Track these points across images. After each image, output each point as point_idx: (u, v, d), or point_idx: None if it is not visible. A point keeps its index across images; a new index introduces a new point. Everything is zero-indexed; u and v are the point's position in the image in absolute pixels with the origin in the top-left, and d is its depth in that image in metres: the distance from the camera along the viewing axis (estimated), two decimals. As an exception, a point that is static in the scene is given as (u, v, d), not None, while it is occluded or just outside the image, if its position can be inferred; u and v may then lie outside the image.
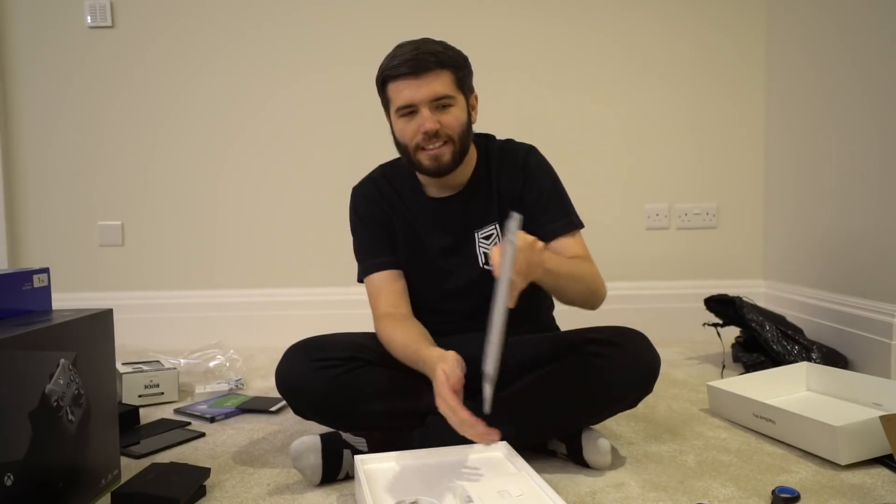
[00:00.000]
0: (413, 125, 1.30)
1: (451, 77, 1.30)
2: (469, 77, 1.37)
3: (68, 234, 2.57)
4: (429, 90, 1.27)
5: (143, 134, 2.55)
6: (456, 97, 1.31)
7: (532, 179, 1.40)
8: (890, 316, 1.81)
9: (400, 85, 1.29)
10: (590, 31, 2.52)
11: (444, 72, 1.29)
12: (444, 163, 1.32)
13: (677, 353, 2.27)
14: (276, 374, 1.30)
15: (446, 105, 1.30)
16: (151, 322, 2.53)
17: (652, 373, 1.29)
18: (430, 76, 1.27)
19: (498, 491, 1.04)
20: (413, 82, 1.28)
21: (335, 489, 1.20)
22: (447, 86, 1.29)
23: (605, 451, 1.25)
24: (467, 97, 1.36)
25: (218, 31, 2.53)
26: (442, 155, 1.31)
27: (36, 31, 2.52)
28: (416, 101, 1.28)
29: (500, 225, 1.40)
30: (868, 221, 1.94)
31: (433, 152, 1.31)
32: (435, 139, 1.30)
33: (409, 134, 1.32)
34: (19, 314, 1.13)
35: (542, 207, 1.39)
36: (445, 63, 1.29)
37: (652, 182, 2.56)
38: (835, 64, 2.09)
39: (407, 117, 1.31)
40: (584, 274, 1.30)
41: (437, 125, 1.29)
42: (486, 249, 1.41)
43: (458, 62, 1.33)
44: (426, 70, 1.27)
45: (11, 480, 0.93)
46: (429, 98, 1.28)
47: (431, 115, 1.28)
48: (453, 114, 1.31)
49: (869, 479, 1.19)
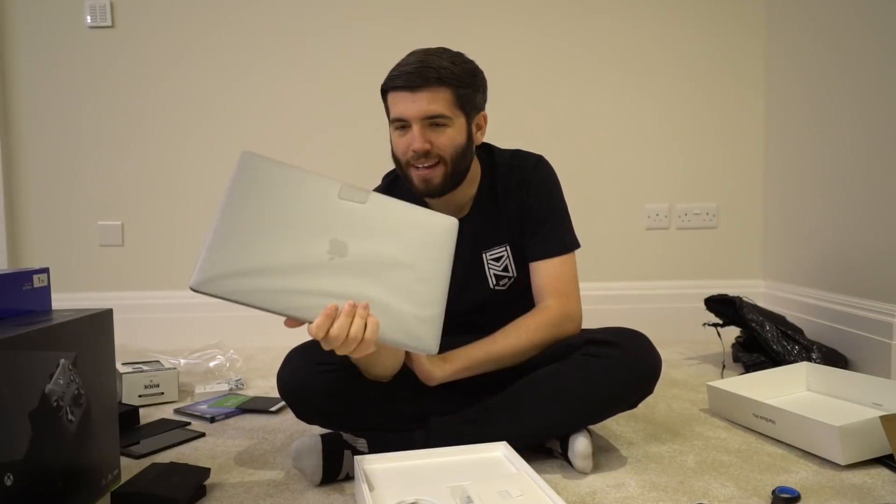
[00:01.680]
0: (405, 141, 1.27)
1: (451, 96, 1.25)
2: (476, 95, 1.30)
3: (68, 234, 2.57)
4: (421, 108, 1.23)
5: (144, 134, 2.55)
6: (453, 117, 1.26)
7: (533, 194, 1.37)
8: (890, 316, 1.81)
9: (396, 97, 1.25)
10: (590, 33, 2.52)
11: (442, 89, 1.23)
12: (434, 186, 1.28)
13: (677, 353, 2.27)
14: (278, 379, 1.29)
15: (440, 125, 1.25)
16: (151, 322, 2.53)
17: (652, 373, 1.28)
18: (425, 93, 1.22)
19: (498, 491, 1.04)
20: (408, 96, 1.23)
21: (335, 489, 1.20)
22: (444, 105, 1.24)
23: (584, 454, 1.23)
24: (469, 117, 1.30)
25: (218, 32, 2.53)
26: (432, 177, 1.27)
27: (36, 31, 2.52)
28: (408, 117, 1.24)
29: (510, 246, 1.38)
30: (868, 221, 1.94)
31: (423, 173, 1.27)
32: (424, 159, 1.26)
33: (401, 149, 1.29)
34: (19, 314, 1.13)
35: (535, 225, 1.36)
36: (446, 80, 1.24)
37: (652, 182, 2.56)
38: (834, 64, 2.09)
39: (400, 131, 1.28)
40: (526, 343, 1.28)
41: (428, 145, 1.24)
42: (496, 270, 1.39)
43: (462, 80, 1.26)
44: (422, 86, 1.22)
45: (11, 480, 0.93)
46: (420, 116, 1.23)
47: (421, 134, 1.24)
48: (447, 135, 1.26)
49: (869, 479, 1.19)
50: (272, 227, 0.98)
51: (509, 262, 1.39)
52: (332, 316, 0.96)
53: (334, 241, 1.00)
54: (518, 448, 1.19)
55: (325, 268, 0.99)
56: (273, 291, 0.96)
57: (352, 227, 1.01)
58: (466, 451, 1.20)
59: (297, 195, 1.00)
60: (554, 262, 1.36)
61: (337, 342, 0.97)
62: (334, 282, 0.99)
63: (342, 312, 0.96)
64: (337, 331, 0.96)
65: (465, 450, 1.20)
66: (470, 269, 1.39)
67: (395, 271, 1.02)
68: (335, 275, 0.99)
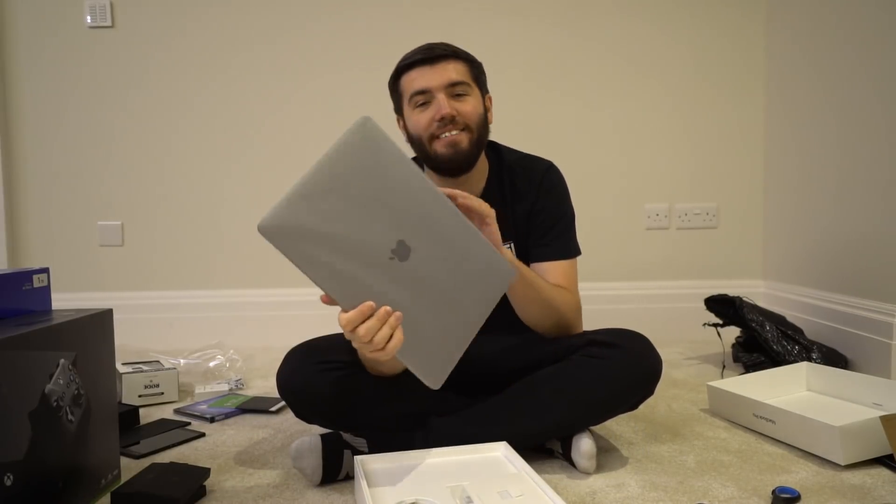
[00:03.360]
0: (428, 113, 1.29)
1: (467, 68, 1.31)
2: (484, 76, 1.38)
3: (68, 234, 2.57)
4: (444, 76, 1.28)
5: (143, 134, 2.55)
6: (472, 87, 1.32)
7: (544, 198, 1.40)
8: (890, 316, 1.81)
9: (413, 74, 1.29)
10: (590, 32, 2.52)
11: (459, 61, 1.30)
12: (461, 150, 1.29)
13: (677, 353, 2.27)
14: (278, 378, 1.29)
15: (462, 94, 1.29)
16: (151, 322, 2.53)
17: (653, 375, 1.29)
18: (445, 63, 1.28)
19: (498, 491, 1.04)
20: (428, 69, 1.28)
21: (335, 489, 1.20)
22: (463, 74, 1.30)
23: (589, 454, 1.23)
24: (483, 93, 1.36)
25: (218, 32, 2.53)
26: (460, 141, 1.28)
27: (36, 31, 2.52)
28: (432, 87, 1.28)
29: (515, 244, 1.40)
30: (868, 221, 1.94)
31: (451, 138, 1.28)
32: (451, 125, 1.28)
33: (424, 123, 1.30)
34: (19, 314, 1.13)
35: (543, 229, 1.39)
36: (460, 54, 1.31)
37: (652, 182, 2.56)
38: (834, 64, 2.09)
39: (421, 107, 1.30)
40: (551, 297, 1.28)
41: (454, 111, 1.28)
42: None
43: (472, 58, 1.35)
44: (441, 58, 1.28)
45: (11, 480, 0.93)
46: (444, 83, 1.28)
47: (448, 102, 1.27)
48: (470, 103, 1.30)
49: (869, 479, 1.19)
50: (357, 200, 0.97)
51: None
52: (366, 315, 0.96)
53: (401, 242, 0.99)
54: (518, 448, 1.19)
55: (381, 265, 0.98)
56: (327, 268, 0.95)
57: (424, 236, 1.01)
58: (466, 451, 1.20)
59: (394, 182, 0.99)
60: (562, 264, 1.39)
61: (358, 341, 0.97)
62: (383, 281, 0.98)
63: (375, 316, 0.97)
64: (363, 331, 0.96)
65: (465, 450, 1.20)
66: None
67: (441, 297, 1.02)
68: (387, 275, 0.99)
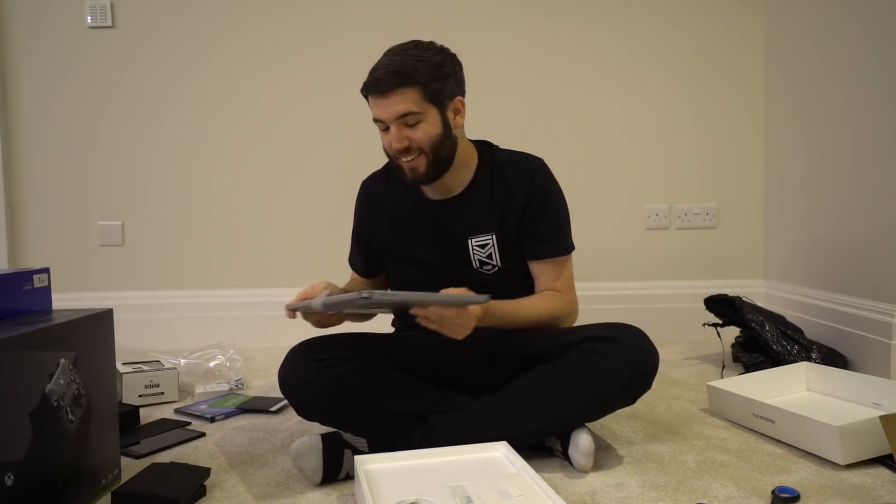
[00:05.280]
0: (387, 139, 1.35)
1: (418, 93, 1.29)
2: (447, 84, 1.33)
3: (68, 234, 2.57)
4: (393, 110, 1.30)
5: (143, 134, 2.55)
6: (424, 112, 1.31)
7: (537, 197, 1.41)
8: (890, 316, 1.81)
9: (373, 101, 1.33)
10: (590, 31, 2.52)
11: (408, 90, 1.29)
12: (420, 174, 1.35)
13: (677, 353, 2.27)
14: (279, 376, 1.31)
15: (414, 123, 1.31)
16: (151, 322, 2.53)
17: (649, 368, 1.29)
18: (394, 96, 1.29)
19: (498, 491, 1.04)
20: (380, 101, 1.31)
21: (335, 489, 1.20)
22: (413, 103, 1.30)
23: (587, 452, 1.24)
24: (443, 107, 1.33)
25: (217, 32, 2.53)
26: (417, 167, 1.35)
27: (36, 31, 2.52)
28: (384, 119, 1.32)
29: (496, 235, 1.41)
30: (868, 221, 1.94)
31: (408, 164, 1.34)
32: (406, 153, 1.33)
33: (386, 145, 1.37)
34: (19, 314, 1.13)
35: (538, 227, 1.41)
36: (412, 80, 1.28)
37: (652, 182, 2.56)
38: (834, 64, 2.09)
39: (384, 131, 1.35)
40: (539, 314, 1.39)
41: (406, 142, 1.32)
42: (480, 256, 1.42)
43: (430, 75, 1.30)
44: (389, 90, 1.29)
45: (11, 480, 0.93)
46: (394, 117, 1.30)
47: (399, 133, 1.31)
48: (422, 129, 1.32)
49: (869, 479, 1.19)
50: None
51: (494, 250, 1.42)
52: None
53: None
54: (518, 447, 1.20)
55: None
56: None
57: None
58: (466, 451, 1.21)
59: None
60: (557, 262, 1.43)
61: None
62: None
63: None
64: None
65: (465, 449, 1.21)
66: (455, 249, 1.42)
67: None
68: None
